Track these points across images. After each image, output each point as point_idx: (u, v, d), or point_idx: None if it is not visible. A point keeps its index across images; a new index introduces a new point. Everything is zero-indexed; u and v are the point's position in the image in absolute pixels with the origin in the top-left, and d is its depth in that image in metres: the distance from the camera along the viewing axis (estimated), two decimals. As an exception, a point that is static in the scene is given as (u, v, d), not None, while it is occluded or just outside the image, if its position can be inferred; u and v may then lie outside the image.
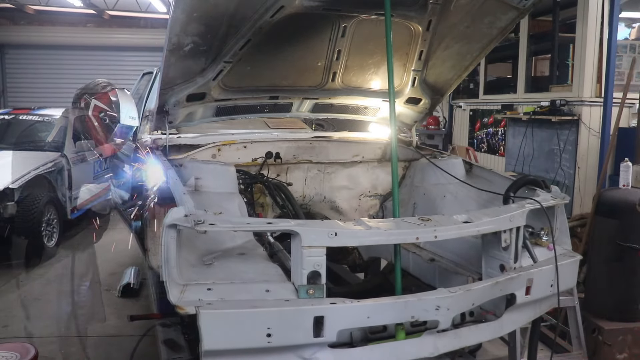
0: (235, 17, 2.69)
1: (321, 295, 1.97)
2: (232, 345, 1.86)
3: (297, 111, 3.72)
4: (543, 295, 2.51)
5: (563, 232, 2.79)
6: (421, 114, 3.83)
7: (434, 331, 2.13)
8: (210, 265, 2.13)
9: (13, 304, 4.49)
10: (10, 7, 13.82)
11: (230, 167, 2.98)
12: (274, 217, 3.33)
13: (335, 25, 3.07)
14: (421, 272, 2.90)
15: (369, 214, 3.74)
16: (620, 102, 4.44)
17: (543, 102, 5.93)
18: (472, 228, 2.28)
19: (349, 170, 3.72)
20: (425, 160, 3.58)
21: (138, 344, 2.67)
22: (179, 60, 2.76)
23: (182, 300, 1.89)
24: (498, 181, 3.15)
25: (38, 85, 14.56)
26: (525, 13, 3.11)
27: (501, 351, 3.31)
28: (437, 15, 3.10)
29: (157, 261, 2.42)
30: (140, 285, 5.25)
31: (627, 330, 3.54)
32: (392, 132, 2.72)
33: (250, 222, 2.16)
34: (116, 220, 6.06)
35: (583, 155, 5.56)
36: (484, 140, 7.85)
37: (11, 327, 4.27)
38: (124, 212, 3.73)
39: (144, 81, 5.37)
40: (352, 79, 3.52)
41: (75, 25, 14.59)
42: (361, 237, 2.13)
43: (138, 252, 4.23)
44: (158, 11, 13.61)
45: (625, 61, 5.59)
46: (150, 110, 3.47)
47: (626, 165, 3.96)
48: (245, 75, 3.16)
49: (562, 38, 6.43)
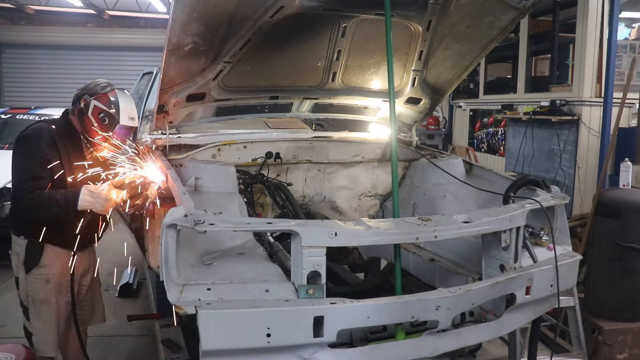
0: (235, 17, 2.69)
1: (321, 295, 1.97)
2: (232, 345, 1.86)
3: (297, 111, 3.72)
4: (543, 295, 2.51)
5: (563, 232, 2.79)
6: (421, 114, 3.83)
7: (434, 331, 2.12)
8: (210, 265, 2.13)
9: (10, 304, 4.49)
10: (10, 7, 13.81)
11: (230, 167, 2.98)
12: (274, 217, 3.32)
13: (335, 25, 3.07)
14: (421, 272, 2.90)
15: (369, 214, 3.74)
16: (620, 102, 4.44)
17: (543, 102, 5.93)
18: (472, 228, 2.28)
19: (349, 170, 3.72)
20: (425, 160, 3.57)
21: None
22: (179, 60, 2.75)
23: (181, 300, 1.88)
24: (498, 181, 3.14)
25: (37, 85, 14.55)
26: (525, 13, 3.11)
27: (501, 351, 3.31)
28: (437, 15, 3.09)
29: (156, 261, 2.42)
30: (139, 285, 5.25)
31: (627, 330, 3.54)
32: (392, 132, 2.72)
33: (250, 222, 2.16)
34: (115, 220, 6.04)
35: (583, 155, 5.56)
36: (484, 140, 7.85)
37: (7, 327, 4.27)
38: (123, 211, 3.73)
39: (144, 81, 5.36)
40: (352, 79, 3.52)
41: (75, 25, 14.58)
42: (361, 237, 2.13)
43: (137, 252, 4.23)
44: (158, 11, 13.61)
45: (625, 61, 5.59)
46: (150, 110, 3.46)
47: (626, 165, 3.96)
48: (245, 75, 3.15)
49: (562, 38, 6.42)
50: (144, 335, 4.17)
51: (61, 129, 2.70)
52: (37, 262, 2.64)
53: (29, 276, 2.65)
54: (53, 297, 2.68)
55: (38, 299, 2.67)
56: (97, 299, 3.05)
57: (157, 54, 6.22)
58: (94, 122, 2.66)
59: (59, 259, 2.67)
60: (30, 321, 2.70)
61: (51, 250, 2.66)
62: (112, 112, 2.67)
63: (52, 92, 14.09)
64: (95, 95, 2.68)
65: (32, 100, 11.42)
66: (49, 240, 2.64)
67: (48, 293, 2.67)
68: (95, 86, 2.72)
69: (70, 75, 14.04)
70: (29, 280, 2.66)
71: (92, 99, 2.66)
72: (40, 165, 2.51)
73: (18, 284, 2.72)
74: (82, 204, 2.45)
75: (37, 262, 2.64)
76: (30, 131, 2.62)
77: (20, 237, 2.67)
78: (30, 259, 2.64)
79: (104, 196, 2.48)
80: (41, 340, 2.70)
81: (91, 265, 2.95)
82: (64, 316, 2.79)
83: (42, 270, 2.65)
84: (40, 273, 2.65)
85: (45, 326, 2.70)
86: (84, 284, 2.90)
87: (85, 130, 2.71)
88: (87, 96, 2.68)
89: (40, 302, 2.67)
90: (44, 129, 2.62)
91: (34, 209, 2.48)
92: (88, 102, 2.66)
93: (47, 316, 2.69)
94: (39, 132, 2.59)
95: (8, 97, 14.76)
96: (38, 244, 2.64)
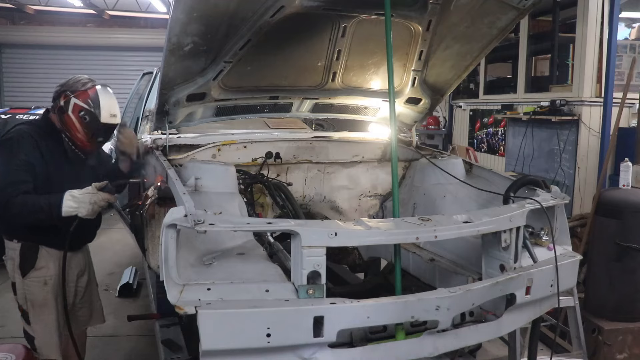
0: (235, 17, 2.69)
1: (321, 295, 1.97)
2: (232, 345, 1.86)
3: (297, 111, 3.72)
4: (543, 295, 2.51)
5: (563, 232, 2.79)
6: (421, 114, 3.83)
7: (434, 331, 2.12)
8: (210, 265, 2.13)
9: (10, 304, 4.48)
10: (10, 7, 13.81)
11: (230, 167, 2.97)
12: (274, 217, 3.32)
13: (335, 25, 3.07)
14: (421, 272, 2.90)
15: (369, 214, 3.74)
16: (620, 102, 4.44)
17: (543, 102, 5.92)
18: (472, 228, 2.27)
19: (349, 170, 3.72)
20: (425, 160, 3.57)
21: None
22: (179, 60, 2.75)
23: (181, 300, 1.88)
24: (498, 181, 3.14)
25: (37, 85, 14.53)
26: (525, 13, 3.11)
27: (501, 351, 3.31)
28: (437, 15, 3.10)
29: (156, 261, 2.42)
30: (139, 285, 5.26)
31: (627, 330, 3.54)
32: (392, 132, 2.72)
33: (250, 222, 2.15)
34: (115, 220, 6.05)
35: (583, 155, 5.56)
36: (484, 140, 7.85)
37: (8, 327, 4.27)
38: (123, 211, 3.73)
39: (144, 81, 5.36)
40: (352, 79, 3.52)
41: (75, 25, 14.59)
42: (361, 237, 2.13)
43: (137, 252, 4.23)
44: (158, 11, 13.63)
45: (625, 61, 5.59)
46: (150, 110, 3.46)
47: (626, 165, 3.96)
48: (245, 75, 3.15)
49: (562, 38, 6.42)
50: (144, 335, 4.18)
51: (42, 129, 2.63)
52: (33, 265, 2.60)
53: (26, 280, 2.61)
54: (52, 299, 2.66)
55: (37, 302, 2.63)
56: (95, 300, 3.03)
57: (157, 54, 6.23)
58: (74, 120, 2.61)
59: (54, 260, 2.64)
60: (31, 325, 2.67)
61: (46, 252, 2.63)
62: (92, 110, 2.61)
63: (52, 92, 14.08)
64: (75, 92, 2.62)
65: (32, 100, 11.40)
66: (43, 241, 2.61)
67: (47, 295, 2.64)
68: (75, 82, 2.66)
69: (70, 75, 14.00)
70: (26, 284, 2.62)
71: (72, 96, 2.61)
72: (23, 168, 2.44)
73: (15, 289, 2.68)
74: (65, 210, 2.39)
75: (33, 264, 2.60)
76: (11, 134, 2.55)
77: (14, 241, 2.63)
78: (26, 262, 2.59)
79: (87, 200, 2.42)
80: (44, 343, 2.67)
81: (86, 265, 2.93)
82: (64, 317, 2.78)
83: (39, 272, 2.62)
84: (37, 276, 2.62)
85: (47, 329, 2.67)
86: (80, 285, 2.88)
87: (66, 129, 2.64)
88: (67, 92, 2.62)
89: (39, 305, 2.64)
90: (24, 131, 2.55)
91: (18, 215, 2.41)
92: (68, 100, 2.60)
93: (47, 318, 2.67)
94: (19, 135, 2.53)
95: (8, 97, 14.76)
96: (32, 247, 2.60)
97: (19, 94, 14.60)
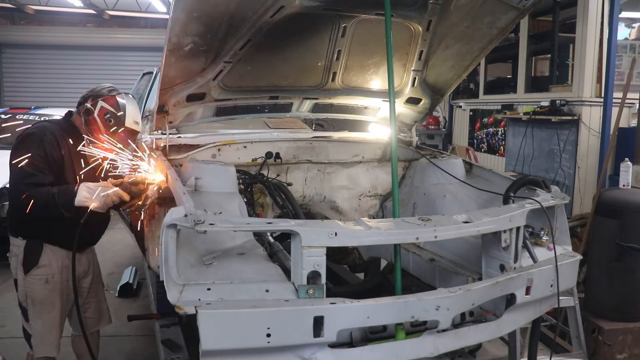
0: (235, 17, 2.69)
1: (321, 295, 1.97)
2: (232, 345, 1.86)
3: (297, 111, 3.72)
4: (543, 295, 2.51)
5: (563, 232, 2.79)
6: (421, 114, 3.83)
7: (434, 331, 2.13)
8: (210, 265, 2.13)
9: (10, 304, 4.49)
10: (10, 7, 13.82)
11: (230, 167, 2.97)
12: (274, 217, 3.32)
13: (335, 25, 3.07)
14: (421, 272, 2.90)
15: (369, 214, 3.74)
16: (620, 102, 4.44)
17: (543, 102, 5.92)
18: (472, 228, 2.28)
19: (349, 170, 3.72)
20: (425, 160, 3.57)
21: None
22: (179, 60, 2.76)
23: (181, 300, 1.88)
24: (498, 181, 3.14)
25: (37, 85, 14.56)
26: (525, 13, 3.11)
27: (501, 351, 3.32)
28: (437, 15, 3.10)
29: (156, 261, 2.42)
30: (139, 285, 5.25)
31: (627, 330, 3.54)
32: (392, 132, 2.72)
33: (250, 222, 2.16)
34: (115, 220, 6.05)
35: (583, 155, 5.56)
36: (484, 140, 7.85)
37: (8, 327, 4.27)
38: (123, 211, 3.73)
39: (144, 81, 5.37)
40: (352, 79, 3.52)
41: (75, 25, 14.59)
42: (361, 237, 2.13)
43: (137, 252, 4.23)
44: (158, 11, 13.62)
45: (625, 61, 5.59)
46: (150, 110, 3.46)
47: (626, 165, 3.96)
48: (245, 75, 3.16)
49: (562, 38, 6.42)
50: (144, 335, 4.17)
51: (63, 129, 2.71)
52: (35, 263, 2.63)
53: (27, 277, 2.64)
54: (52, 298, 2.68)
55: (37, 300, 2.66)
56: (101, 301, 3.04)
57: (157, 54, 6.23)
58: (99, 122, 2.70)
59: (58, 259, 2.67)
60: (30, 322, 2.69)
61: (50, 250, 2.65)
62: (118, 114, 2.71)
63: (52, 92, 14.09)
64: (102, 97, 2.73)
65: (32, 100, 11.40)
66: (48, 240, 2.64)
67: (47, 293, 2.66)
68: (102, 89, 2.78)
69: (70, 75, 14.06)
70: (27, 281, 2.65)
71: (100, 100, 2.72)
72: (42, 163, 2.51)
73: (17, 286, 2.71)
74: (79, 200, 2.43)
75: (36, 262, 2.63)
76: (34, 129, 2.62)
77: (19, 238, 2.67)
78: (29, 259, 2.63)
79: (102, 192, 2.46)
80: (41, 340, 2.69)
81: (90, 266, 2.94)
82: (65, 316, 2.78)
83: (41, 270, 2.64)
84: (39, 274, 2.64)
85: (45, 326, 2.69)
86: (84, 286, 2.89)
87: (90, 131, 2.72)
88: (95, 96, 2.73)
89: (39, 302, 2.66)
90: (46, 127, 2.63)
91: (33, 206, 2.44)
92: (95, 103, 2.71)
93: (47, 317, 2.69)
94: (42, 131, 2.60)
95: (8, 97, 14.77)
96: (37, 244, 2.64)
97: (19, 94, 14.60)
